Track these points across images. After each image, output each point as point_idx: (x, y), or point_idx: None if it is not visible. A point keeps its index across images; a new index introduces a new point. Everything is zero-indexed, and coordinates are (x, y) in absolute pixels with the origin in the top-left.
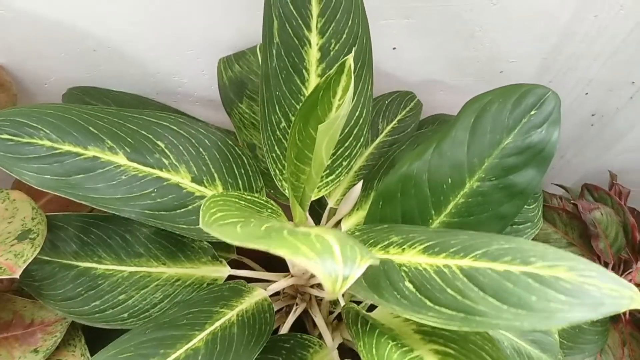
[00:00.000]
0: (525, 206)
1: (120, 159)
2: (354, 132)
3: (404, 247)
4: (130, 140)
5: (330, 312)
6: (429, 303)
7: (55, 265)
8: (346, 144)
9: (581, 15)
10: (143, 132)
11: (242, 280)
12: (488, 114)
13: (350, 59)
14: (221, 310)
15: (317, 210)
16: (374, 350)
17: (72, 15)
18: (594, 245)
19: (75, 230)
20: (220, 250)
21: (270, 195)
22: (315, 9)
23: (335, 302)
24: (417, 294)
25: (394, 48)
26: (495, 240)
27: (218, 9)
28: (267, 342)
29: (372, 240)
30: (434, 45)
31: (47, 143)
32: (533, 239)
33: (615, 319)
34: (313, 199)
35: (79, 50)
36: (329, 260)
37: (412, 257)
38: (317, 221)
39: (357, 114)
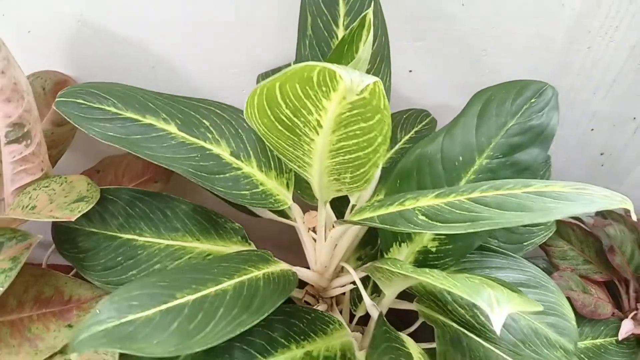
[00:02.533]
0: None
1: (172, 128)
2: None
3: (418, 198)
4: (180, 116)
5: (351, 317)
6: (438, 224)
7: (100, 236)
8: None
9: (575, 47)
10: (192, 112)
11: (269, 251)
12: (493, 102)
13: (370, 13)
14: (249, 268)
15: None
16: None
17: (137, 34)
18: (611, 259)
19: (124, 203)
20: None
21: (296, 195)
22: (342, 9)
23: (356, 304)
24: (429, 221)
25: (410, 71)
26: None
27: (262, 31)
28: (289, 306)
29: (389, 202)
30: (445, 68)
31: (113, 109)
32: (548, 256)
33: None
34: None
35: (141, 66)
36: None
37: (425, 202)
38: (341, 215)
39: None
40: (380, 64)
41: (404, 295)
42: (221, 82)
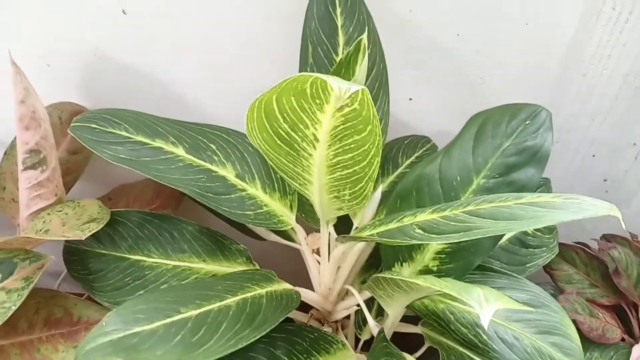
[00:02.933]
0: (542, 235)
1: (180, 151)
2: None
3: (416, 214)
4: (188, 140)
5: (357, 341)
6: (434, 236)
7: (110, 257)
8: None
9: (570, 75)
10: (199, 136)
11: (272, 271)
12: (489, 124)
13: (364, 39)
14: (252, 286)
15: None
16: None
17: (148, 65)
18: (616, 282)
19: (133, 225)
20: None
21: (300, 218)
22: (341, 39)
23: (361, 327)
24: (425, 233)
25: (410, 99)
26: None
27: (266, 62)
28: (293, 325)
29: (389, 220)
30: (444, 96)
31: (124, 133)
32: (553, 280)
33: None
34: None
35: (151, 97)
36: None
37: (423, 217)
38: None
39: None
40: (379, 90)
41: (409, 319)
42: (227, 111)
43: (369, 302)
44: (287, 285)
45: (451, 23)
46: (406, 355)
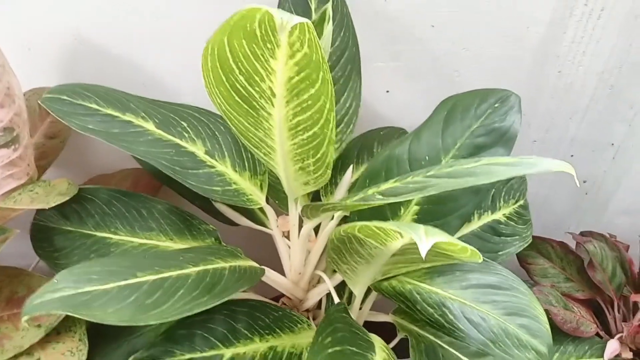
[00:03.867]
0: (515, 224)
1: (149, 126)
2: (345, 119)
3: (379, 186)
4: (159, 116)
5: None
6: (392, 198)
7: (76, 235)
8: (338, 129)
9: (546, 71)
10: (171, 114)
11: (239, 249)
12: (458, 108)
13: (329, 9)
14: (215, 260)
15: None
16: None
17: (129, 51)
18: (591, 275)
19: (101, 202)
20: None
21: (270, 203)
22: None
23: None
24: (383, 197)
25: (387, 91)
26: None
27: None
28: (255, 301)
29: (354, 194)
30: (421, 89)
31: (94, 106)
32: (529, 274)
33: None
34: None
35: (132, 83)
36: None
37: (385, 186)
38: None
39: (347, 105)
40: (351, 72)
41: (379, 308)
42: (208, 99)
43: (340, 289)
44: (253, 263)
45: (426, 14)
46: (373, 335)
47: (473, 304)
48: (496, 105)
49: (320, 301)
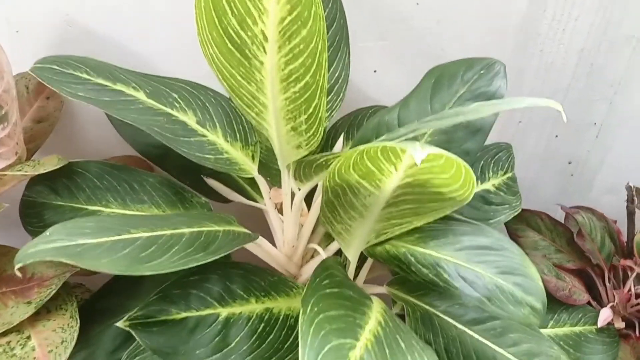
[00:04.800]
0: (505, 195)
1: (140, 95)
2: (335, 89)
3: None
4: (150, 87)
5: None
6: (387, 143)
7: (66, 209)
8: (328, 98)
9: (529, 50)
10: (161, 86)
11: (233, 217)
12: (445, 76)
13: None
14: (210, 224)
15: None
16: None
17: (119, 34)
18: (581, 244)
19: (92, 175)
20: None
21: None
22: None
23: None
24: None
25: (375, 71)
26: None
27: None
28: (250, 265)
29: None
30: (408, 68)
31: (85, 76)
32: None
33: (625, 336)
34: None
35: (123, 66)
36: None
37: (377, 142)
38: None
39: (336, 75)
40: (340, 42)
41: (374, 281)
42: (197, 81)
43: None
44: (246, 230)
45: None
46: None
47: (467, 264)
48: (482, 71)
49: None
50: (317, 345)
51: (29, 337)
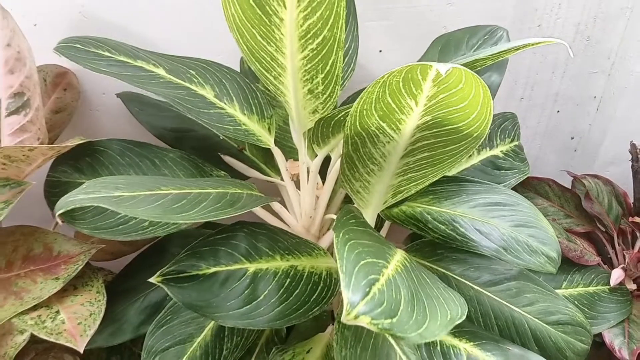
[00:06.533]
0: (514, 161)
1: (161, 71)
2: (346, 59)
3: None
4: (168, 65)
5: None
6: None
7: None
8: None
9: (527, 25)
10: (179, 64)
11: (253, 185)
12: (452, 42)
13: None
14: (233, 188)
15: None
16: None
17: (134, 24)
18: (589, 207)
19: (115, 153)
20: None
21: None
22: None
23: None
24: None
25: (380, 50)
26: None
27: None
28: (273, 227)
29: None
30: (412, 47)
31: (107, 54)
32: None
33: (638, 297)
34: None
35: None
36: None
37: None
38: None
39: (346, 46)
40: (348, 16)
41: None
42: None
43: None
44: (267, 197)
45: None
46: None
47: (482, 219)
48: (486, 37)
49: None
50: (353, 259)
51: (57, 312)
